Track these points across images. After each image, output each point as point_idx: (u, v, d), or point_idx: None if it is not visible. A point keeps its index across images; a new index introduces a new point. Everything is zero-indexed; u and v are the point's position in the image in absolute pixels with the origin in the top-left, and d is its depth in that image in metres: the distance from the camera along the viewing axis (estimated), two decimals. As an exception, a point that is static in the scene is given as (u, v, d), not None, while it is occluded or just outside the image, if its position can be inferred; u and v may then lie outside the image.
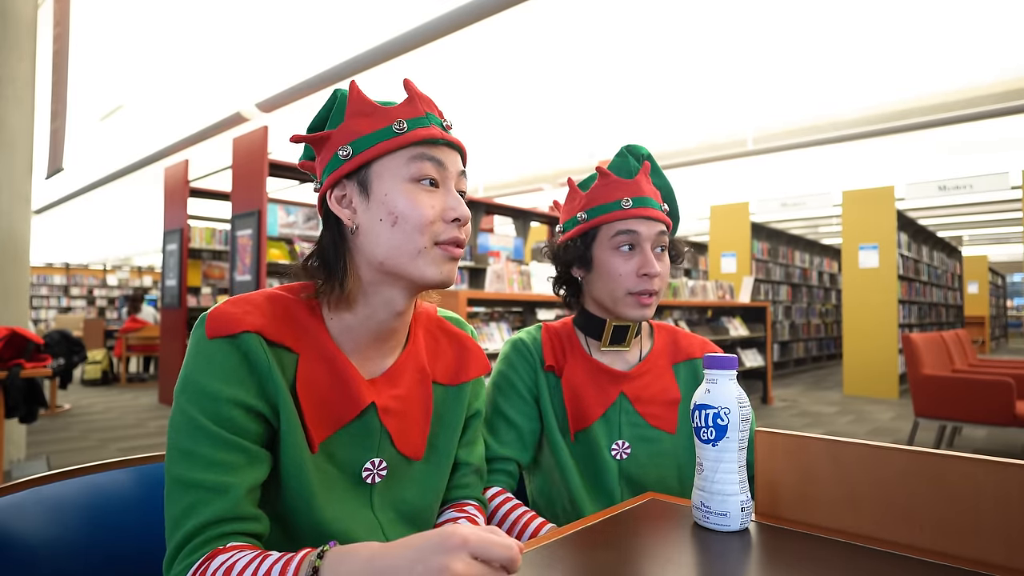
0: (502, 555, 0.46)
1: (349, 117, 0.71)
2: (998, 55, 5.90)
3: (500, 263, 4.26)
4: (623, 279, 0.97)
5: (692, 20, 5.31)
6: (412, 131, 0.70)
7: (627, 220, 0.97)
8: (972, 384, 3.75)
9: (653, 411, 1.01)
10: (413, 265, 0.69)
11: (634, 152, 1.04)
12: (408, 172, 0.69)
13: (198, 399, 0.63)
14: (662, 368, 1.05)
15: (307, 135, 0.73)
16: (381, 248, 0.69)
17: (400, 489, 0.76)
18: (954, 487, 0.64)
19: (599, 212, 0.99)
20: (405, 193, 0.69)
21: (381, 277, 0.71)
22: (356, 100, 0.72)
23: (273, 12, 5.27)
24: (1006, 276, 24.65)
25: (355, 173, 0.70)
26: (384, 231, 0.69)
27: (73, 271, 18.41)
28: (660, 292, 0.99)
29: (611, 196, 0.98)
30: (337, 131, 0.71)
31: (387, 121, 0.70)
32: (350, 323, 0.72)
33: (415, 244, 0.68)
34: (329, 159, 0.72)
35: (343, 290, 0.70)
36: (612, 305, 0.99)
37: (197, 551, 0.59)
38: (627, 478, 0.99)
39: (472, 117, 7.42)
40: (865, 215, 7.56)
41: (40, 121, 4.38)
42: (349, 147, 0.70)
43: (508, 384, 1.03)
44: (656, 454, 1.00)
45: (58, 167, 4.58)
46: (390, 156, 0.70)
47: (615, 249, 0.98)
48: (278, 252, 4.81)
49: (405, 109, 0.72)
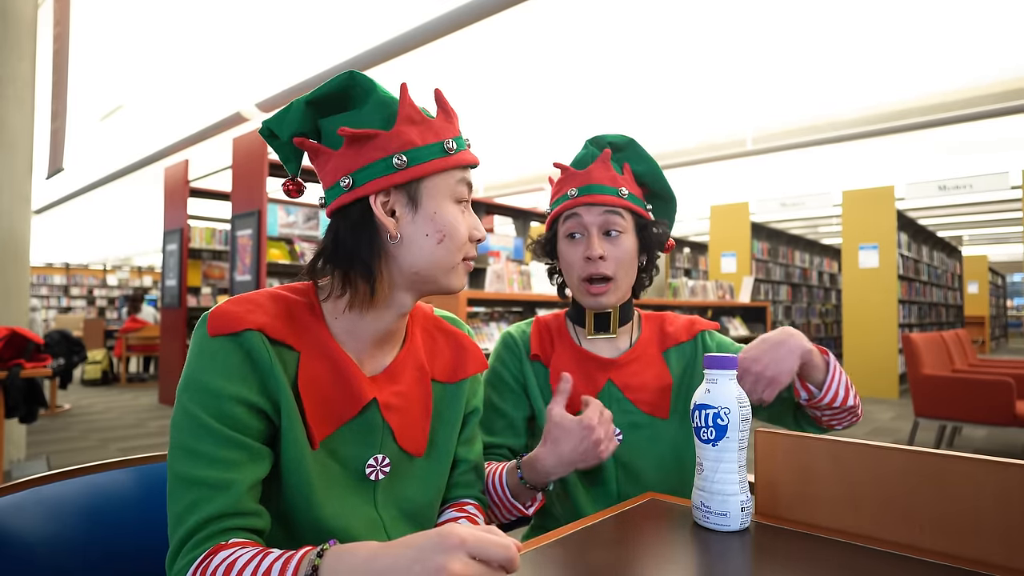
0: (500, 555, 0.47)
1: (401, 123, 0.69)
2: (998, 55, 5.90)
3: (500, 263, 4.26)
4: (573, 267, 1.01)
5: (692, 20, 5.31)
6: (460, 153, 0.73)
7: (571, 209, 1.00)
8: (972, 384, 3.75)
9: (644, 397, 1.02)
10: (446, 277, 0.73)
11: (596, 142, 1.06)
12: (455, 193, 0.73)
13: (200, 396, 0.64)
14: (652, 356, 1.06)
15: (358, 130, 0.68)
16: (422, 261, 0.71)
17: (403, 486, 0.76)
18: (954, 487, 0.64)
19: (555, 205, 1.04)
20: (451, 213, 0.72)
21: (407, 284, 0.73)
22: (409, 106, 0.70)
23: (273, 12, 5.27)
24: (1006, 276, 24.65)
25: (405, 184, 0.70)
26: (428, 246, 0.71)
27: (73, 271, 18.42)
28: (616, 277, 0.99)
29: (563, 188, 1.03)
30: (387, 135, 0.69)
31: (436, 137, 0.71)
32: (357, 323, 0.73)
33: (453, 260, 0.73)
34: (374, 161, 0.69)
35: (372, 295, 0.70)
36: (575, 294, 1.04)
37: (199, 546, 0.59)
38: (622, 465, 1.00)
39: (472, 117, 7.42)
40: (865, 215, 7.56)
41: (40, 121, 4.38)
42: (404, 156, 0.69)
43: (498, 378, 1.05)
44: (649, 440, 1.00)
45: (58, 167, 4.58)
46: (441, 175, 0.71)
47: (566, 237, 1.02)
48: (278, 252, 4.81)
49: (445, 125, 0.73)
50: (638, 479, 0.99)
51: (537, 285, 4.32)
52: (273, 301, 0.70)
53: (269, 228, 4.76)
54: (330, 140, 0.71)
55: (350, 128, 0.68)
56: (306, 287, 0.74)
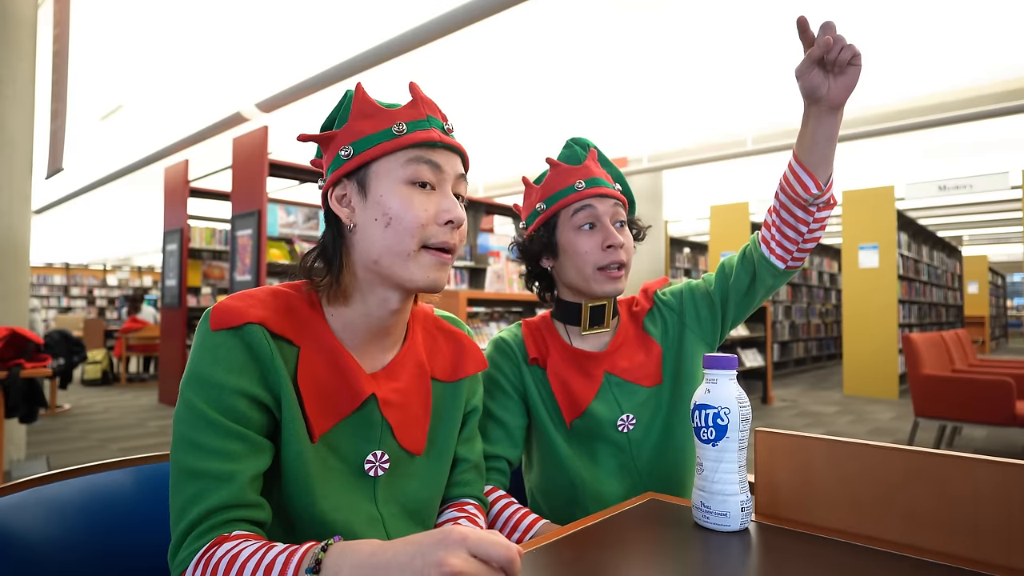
0: (501, 555, 0.47)
1: (353, 118, 0.73)
2: (998, 55, 5.90)
3: (500, 263, 4.26)
4: (589, 255, 1.00)
5: (692, 21, 5.31)
6: (411, 133, 0.72)
7: (583, 200, 1.01)
8: (972, 384, 3.75)
9: (641, 373, 1.05)
10: (404, 268, 0.70)
11: (579, 143, 1.09)
12: (404, 174, 0.71)
13: (203, 389, 0.64)
14: (635, 335, 1.09)
15: (313, 135, 0.75)
16: (375, 248, 0.71)
17: (403, 483, 0.76)
18: (954, 487, 0.64)
19: (557, 198, 1.03)
20: (399, 195, 0.70)
21: (374, 276, 0.72)
22: (360, 101, 0.74)
23: (273, 12, 5.27)
24: (1006, 276, 24.65)
25: (355, 173, 0.72)
26: (378, 231, 0.70)
27: (73, 271, 18.41)
28: (628, 264, 1.03)
29: (565, 182, 1.03)
30: (342, 131, 0.74)
31: (388, 123, 0.72)
32: (349, 318, 0.74)
33: (406, 246, 0.70)
34: (332, 158, 0.74)
35: (339, 285, 0.73)
36: (584, 285, 1.02)
37: (202, 537, 0.60)
38: (638, 446, 1.03)
39: (472, 117, 7.42)
40: (865, 215, 7.56)
41: (40, 121, 4.38)
42: (350, 147, 0.72)
43: (493, 384, 1.04)
44: (656, 409, 1.04)
45: (58, 167, 4.58)
46: (388, 157, 0.71)
47: (577, 229, 1.02)
48: (278, 252, 4.81)
49: (407, 112, 0.73)
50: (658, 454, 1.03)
51: (537, 285, 4.32)
52: (274, 297, 0.71)
53: (269, 228, 4.75)
54: (319, 153, 0.79)
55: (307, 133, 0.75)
56: (306, 285, 0.75)
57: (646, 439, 1.03)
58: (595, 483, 1.01)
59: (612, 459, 1.02)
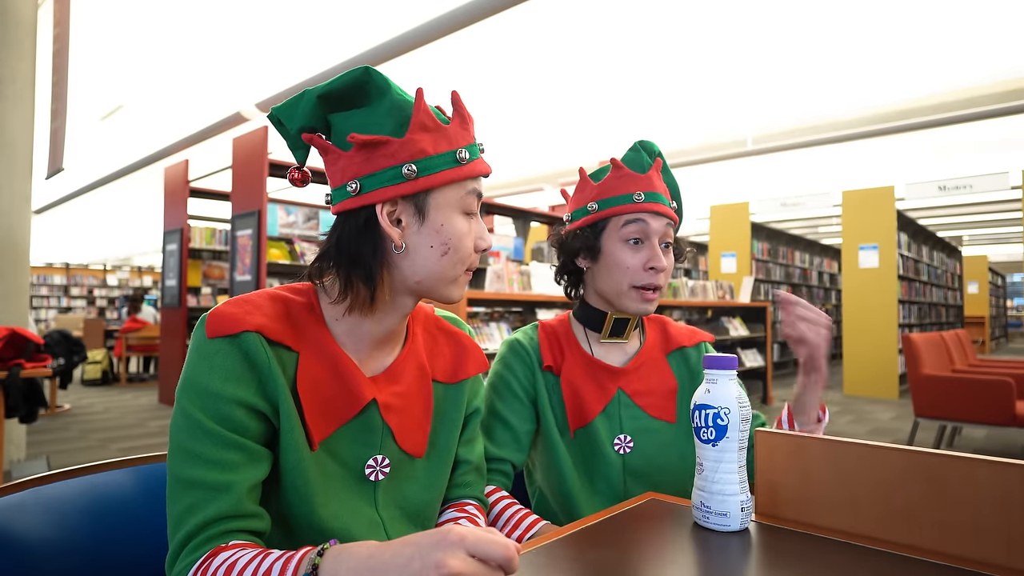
0: (499, 554, 0.46)
1: (414, 129, 0.67)
2: (998, 55, 5.90)
3: (500, 263, 4.26)
4: (629, 272, 0.98)
5: (693, 20, 5.31)
6: (472, 163, 0.71)
7: (638, 213, 0.98)
8: (972, 384, 3.75)
9: (653, 402, 1.02)
10: (447, 288, 0.73)
11: (647, 148, 1.05)
12: (462, 205, 0.71)
13: (199, 398, 0.63)
14: (657, 359, 1.06)
15: (367, 137, 0.66)
16: (424, 271, 0.70)
17: (403, 487, 0.76)
18: (954, 487, 0.64)
19: (611, 203, 1.00)
20: (458, 225, 0.71)
21: (407, 291, 0.72)
22: (423, 113, 0.68)
23: (273, 12, 5.27)
24: (1006, 276, 24.63)
25: (413, 195, 0.68)
26: (432, 257, 0.70)
27: (73, 271, 18.40)
28: (663, 288, 1.00)
29: (624, 189, 0.99)
30: (399, 142, 0.67)
31: (449, 145, 0.69)
32: (358, 326, 0.72)
33: (455, 272, 0.72)
34: (383, 168, 0.67)
35: (372, 301, 0.70)
36: (615, 298, 1.00)
37: (199, 548, 0.59)
38: (631, 471, 1.00)
39: (472, 117, 7.40)
40: (865, 215, 7.56)
41: (40, 121, 4.38)
42: (414, 165, 0.67)
43: (505, 386, 1.02)
44: (659, 444, 1.01)
45: (58, 167, 4.58)
46: (451, 186, 0.70)
47: (623, 241, 0.99)
48: (278, 252, 4.81)
49: (460, 132, 0.71)
50: (647, 484, 0.99)
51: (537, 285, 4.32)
52: (272, 302, 0.70)
53: (269, 228, 4.75)
54: (340, 139, 0.69)
55: (360, 135, 0.66)
56: (306, 287, 0.74)
57: (644, 470, 1.00)
58: (589, 496, 0.99)
59: (603, 477, 1.00)
